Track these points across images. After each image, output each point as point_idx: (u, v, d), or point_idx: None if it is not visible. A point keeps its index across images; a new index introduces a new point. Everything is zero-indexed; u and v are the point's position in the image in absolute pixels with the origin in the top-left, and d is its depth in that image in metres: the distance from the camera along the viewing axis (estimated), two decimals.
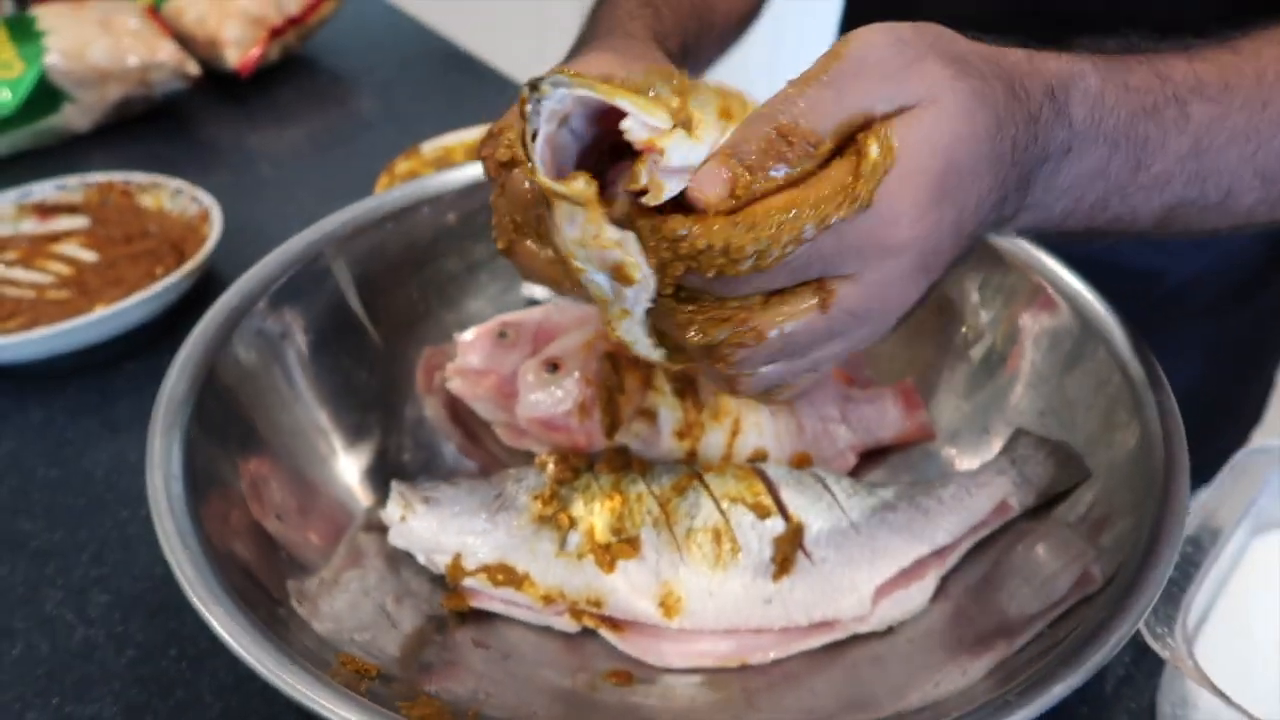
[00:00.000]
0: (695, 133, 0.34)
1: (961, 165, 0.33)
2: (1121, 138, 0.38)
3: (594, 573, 0.49)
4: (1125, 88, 0.38)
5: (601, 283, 0.36)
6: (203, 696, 0.49)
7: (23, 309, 0.73)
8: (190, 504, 0.41)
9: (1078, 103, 0.37)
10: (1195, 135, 0.39)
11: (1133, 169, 0.38)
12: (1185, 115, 0.39)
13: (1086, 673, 0.35)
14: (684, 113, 0.34)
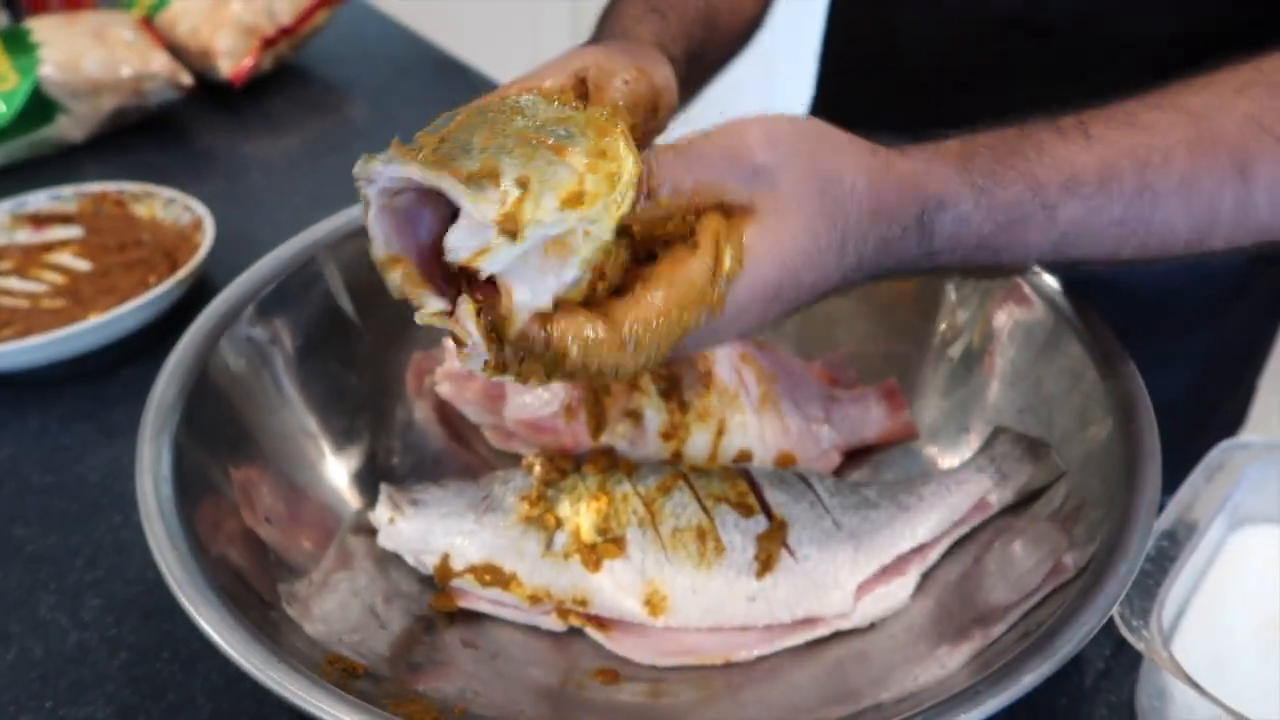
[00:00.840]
0: (522, 232, 0.33)
1: (799, 278, 0.37)
2: (982, 245, 0.41)
3: (580, 572, 0.49)
4: (992, 205, 0.41)
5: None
6: (195, 698, 0.50)
7: (17, 318, 0.74)
8: (180, 507, 0.42)
9: (941, 230, 0.40)
10: (1063, 230, 0.42)
11: (993, 258, 0.42)
12: (1052, 219, 0.42)
13: (1057, 662, 0.35)
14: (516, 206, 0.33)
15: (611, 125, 0.37)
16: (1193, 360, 0.73)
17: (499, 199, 0.33)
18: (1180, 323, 0.71)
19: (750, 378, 0.58)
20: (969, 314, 0.56)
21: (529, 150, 0.34)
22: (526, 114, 0.37)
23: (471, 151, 0.34)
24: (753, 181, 0.36)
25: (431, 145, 0.35)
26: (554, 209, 0.34)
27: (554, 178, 0.34)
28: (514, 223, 0.33)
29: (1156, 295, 0.69)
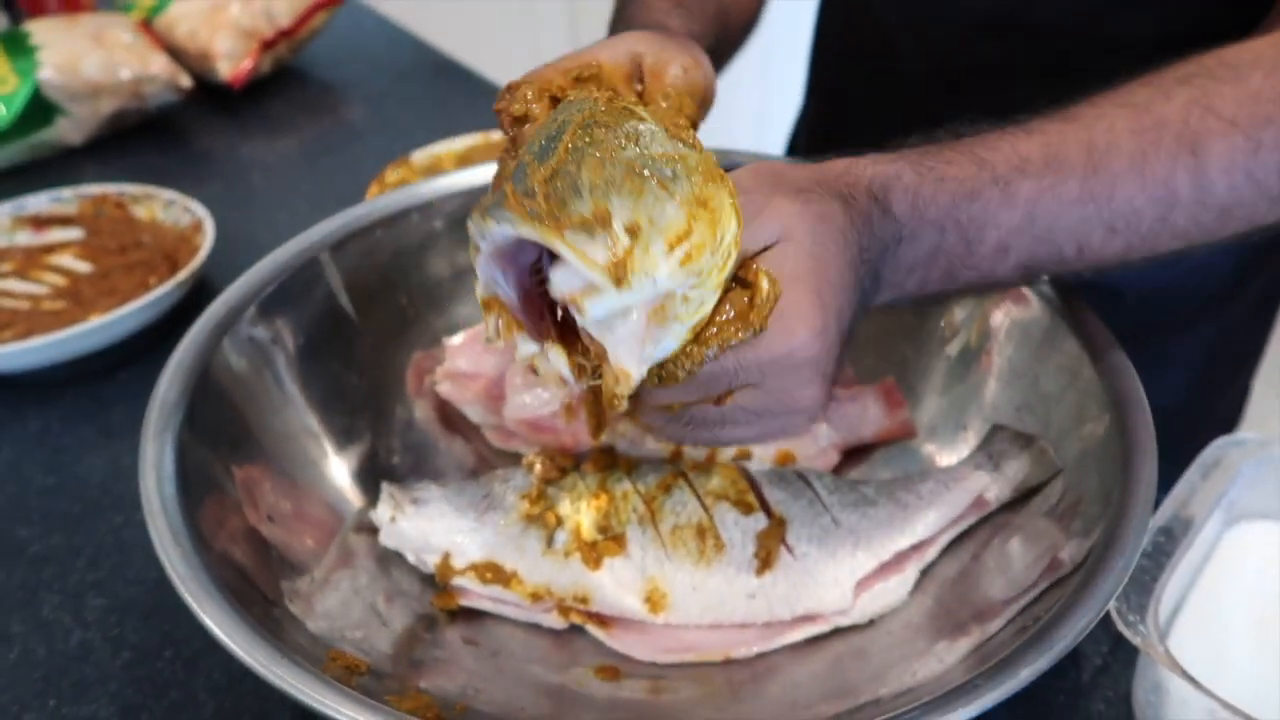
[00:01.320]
0: (629, 279, 0.33)
1: (832, 281, 0.38)
2: (947, 221, 0.42)
3: (580, 570, 0.50)
4: (942, 179, 0.42)
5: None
6: (197, 696, 0.50)
7: (18, 320, 0.74)
8: (183, 506, 0.42)
9: (898, 199, 0.42)
10: (1026, 207, 0.43)
11: (966, 244, 0.43)
12: (1010, 195, 0.43)
13: (1053, 657, 0.36)
14: (626, 255, 0.33)
15: (718, 176, 0.36)
16: (1189, 361, 0.74)
17: (608, 245, 0.33)
18: (1176, 324, 0.72)
19: None
20: (966, 312, 0.57)
21: (638, 185, 0.34)
22: (641, 142, 0.35)
23: (582, 192, 0.33)
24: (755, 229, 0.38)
25: (542, 187, 0.33)
26: (661, 256, 0.33)
27: (661, 219, 0.34)
28: (622, 270, 0.33)
29: (1152, 297, 0.69)
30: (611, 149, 0.34)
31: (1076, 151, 0.43)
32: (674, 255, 0.34)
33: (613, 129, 0.35)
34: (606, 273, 0.32)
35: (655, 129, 0.36)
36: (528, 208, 0.32)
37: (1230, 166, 0.44)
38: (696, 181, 0.35)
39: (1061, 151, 0.43)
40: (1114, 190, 0.43)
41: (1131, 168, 0.43)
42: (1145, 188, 0.44)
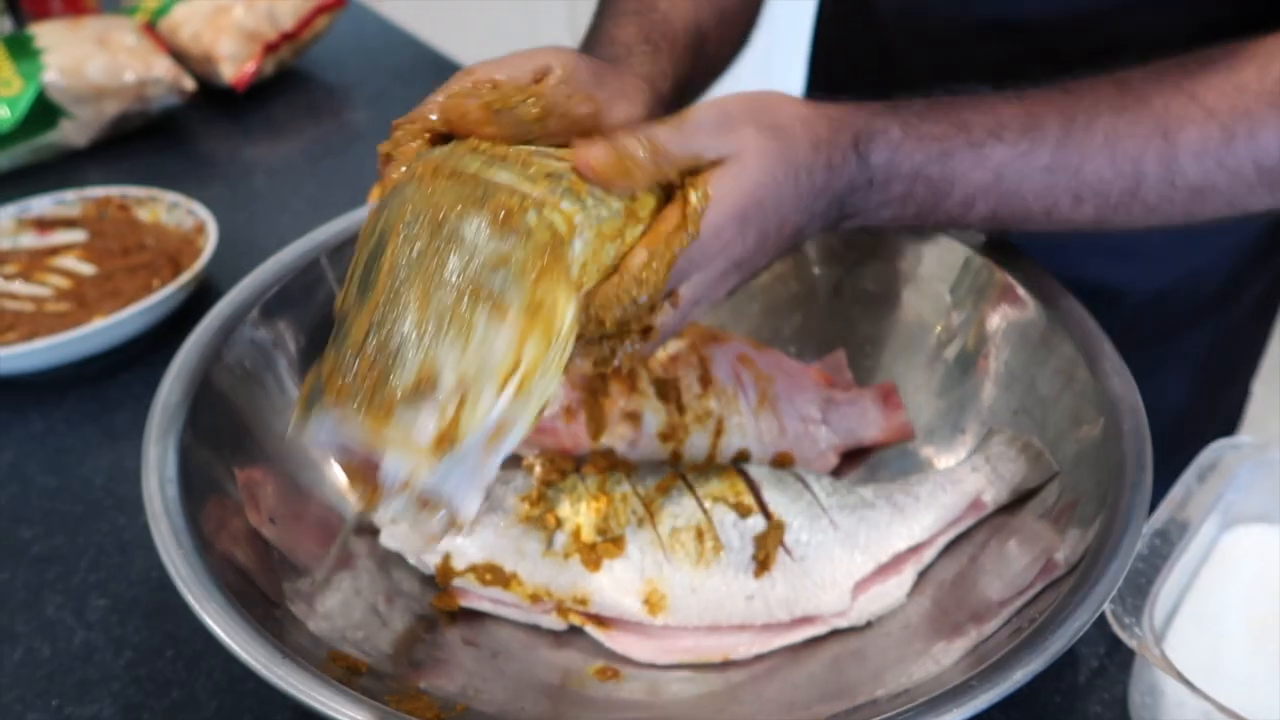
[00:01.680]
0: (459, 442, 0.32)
1: (763, 201, 0.44)
2: (919, 174, 0.47)
3: (580, 571, 0.50)
4: (922, 138, 0.47)
5: None
6: (198, 696, 0.50)
7: (22, 321, 0.74)
8: (185, 507, 0.43)
9: (878, 150, 0.46)
10: (996, 170, 0.47)
11: (935, 195, 0.48)
12: (981, 156, 0.47)
13: (1049, 658, 0.36)
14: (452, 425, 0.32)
15: (555, 260, 0.36)
16: (1188, 365, 0.74)
17: (435, 417, 0.32)
18: (1174, 329, 0.72)
19: (748, 379, 0.59)
20: (964, 316, 0.57)
21: (464, 325, 0.33)
22: (467, 248, 0.34)
23: (405, 353, 0.32)
24: (719, 143, 0.43)
25: (360, 329, 0.32)
26: (492, 400, 0.33)
27: (492, 359, 0.33)
28: (450, 438, 0.32)
29: (1150, 301, 0.69)
30: (434, 271, 0.33)
31: (1054, 121, 0.47)
32: (505, 393, 0.33)
33: (438, 233, 0.34)
34: (434, 450, 0.32)
35: (485, 221, 0.35)
36: (349, 401, 0.31)
37: (1201, 153, 0.46)
38: (529, 283, 0.35)
39: (1040, 121, 0.47)
40: (1083, 162, 0.47)
41: (1103, 145, 0.46)
42: (1114, 162, 0.47)
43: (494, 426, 0.34)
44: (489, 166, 0.39)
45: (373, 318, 0.33)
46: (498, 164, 0.39)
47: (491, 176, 0.38)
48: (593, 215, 0.40)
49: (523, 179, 0.39)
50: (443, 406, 0.32)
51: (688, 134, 0.43)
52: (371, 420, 0.31)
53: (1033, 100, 0.47)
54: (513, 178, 0.38)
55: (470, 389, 0.32)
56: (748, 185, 0.43)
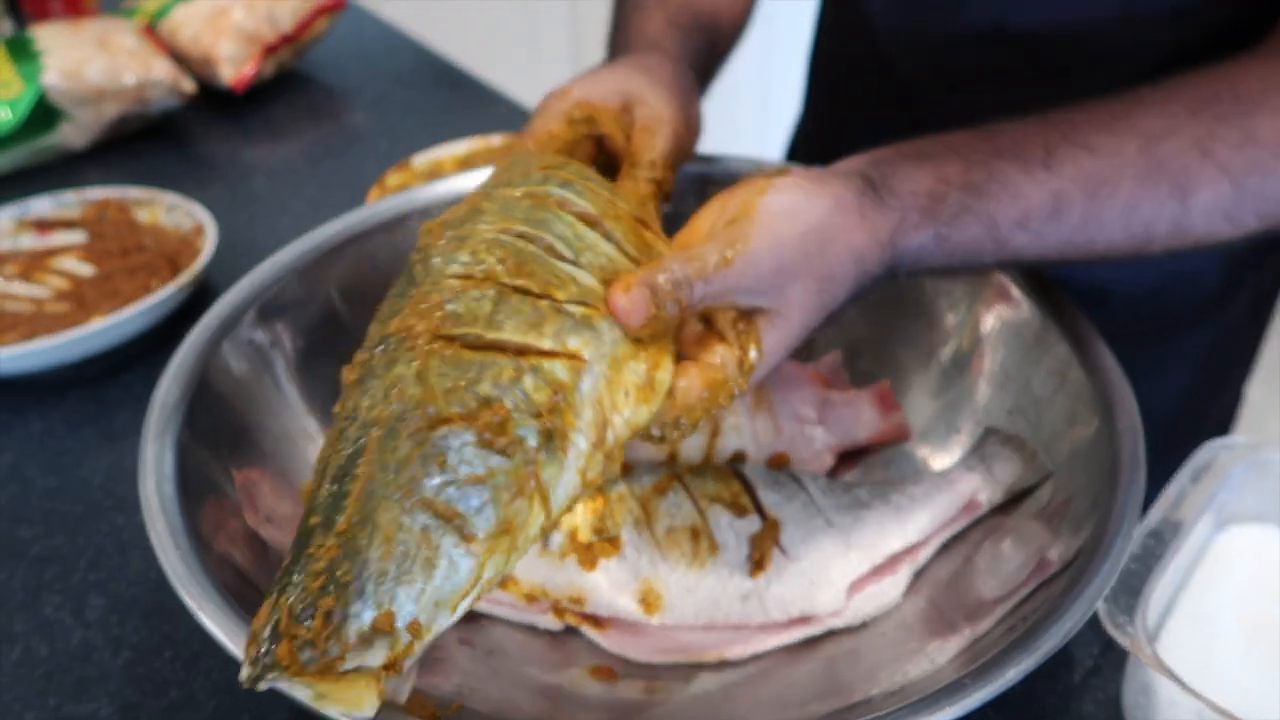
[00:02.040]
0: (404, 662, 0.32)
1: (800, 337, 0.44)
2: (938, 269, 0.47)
3: (576, 571, 0.50)
4: (953, 249, 0.46)
5: None
6: (196, 695, 0.50)
7: (22, 322, 0.75)
8: (182, 507, 0.43)
9: (906, 267, 0.46)
10: (1014, 253, 0.47)
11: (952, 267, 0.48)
12: (1002, 247, 0.47)
13: (1041, 656, 0.36)
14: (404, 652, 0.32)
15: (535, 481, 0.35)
16: (1181, 368, 0.74)
17: (387, 649, 0.31)
18: (1166, 331, 0.72)
19: None
20: (959, 317, 0.57)
21: (430, 557, 0.32)
22: (446, 463, 0.34)
23: (365, 584, 0.31)
24: (767, 297, 0.42)
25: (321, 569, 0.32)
26: (445, 621, 0.33)
27: (451, 588, 0.33)
28: (396, 668, 0.32)
29: (1142, 303, 0.70)
30: (413, 483, 0.33)
31: (1079, 200, 0.47)
32: (459, 608, 0.34)
33: (422, 444, 0.34)
34: (378, 679, 0.31)
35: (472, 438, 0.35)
36: (299, 656, 0.31)
37: (1211, 210, 0.47)
38: (507, 500, 0.34)
39: (1066, 204, 0.47)
40: (1098, 235, 0.47)
41: (1121, 214, 0.47)
42: (1128, 229, 0.47)
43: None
44: (495, 319, 0.38)
45: (334, 555, 0.32)
46: (507, 307, 0.38)
47: (498, 336, 0.37)
48: (606, 341, 0.40)
49: (529, 330, 0.38)
50: (393, 644, 0.32)
51: (734, 285, 0.41)
52: (318, 678, 0.31)
53: (1059, 176, 0.47)
54: (519, 328, 0.38)
55: (424, 625, 0.32)
56: (790, 341, 0.43)
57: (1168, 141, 0.47)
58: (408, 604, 0.32)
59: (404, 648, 0.32)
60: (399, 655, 0.32)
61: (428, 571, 0.32)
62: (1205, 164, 0.46)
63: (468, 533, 0.33)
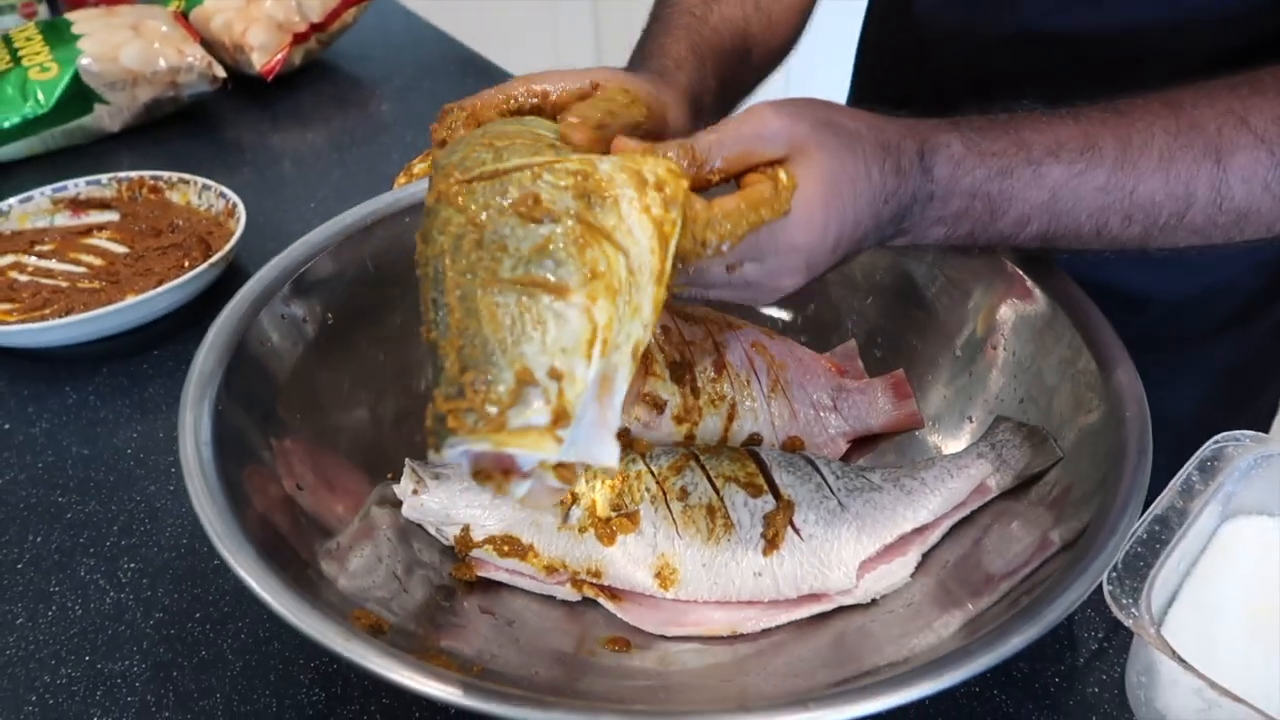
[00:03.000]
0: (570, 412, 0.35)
1: (841, 190, 0.43)
2: (978, 190, 0.47)
3: (594, 545, 0.52)
4: (984, 154, 0.47)
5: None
6: (225, 655, 0.52)
7: (57, 297, 0.77)
8: (218, 467, 0.44)
9: (941, 164, 0.46)
10: (1052, 189, 0.47)
11: (991, 212, 0.48)
12: (1039, 174, 0.47)
13: (1045, 626, 0.37)
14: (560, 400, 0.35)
15: (589, 224, 0.38)
16: (1213, 372, 0.74)
17: (544, 400, 0.35)
18: (1203, 335, 0.72)
19: (761, 365, 0.60)
20: (973, 306, 0.58)
21: (536, 315, 0.36)
22: (508, 244, 0.38)
23: (492, 354, 0.35)
24: (778, 143, 0.43)
25: (465, 380, 0.35)
26: (583, 368, 0.36)
27: (570, 337, 0.36)
28: (562, 412, 0.36)
29: (1180, 307, 0.70)
30: (493, 283, 0.37)
31: (1111, 143, 0.47)
32: (594, 356, 0.37)
33: (481, 246, 0.38)
34: (552, 431, 0.35)
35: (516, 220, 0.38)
36: (465, 420, 0.35)
37: (1250, 177, 0.47)
38: (577, 252, 0.37)
39: (1097, 141, 0.47)
40: (1137, 184, 0.47)
41: (1158, 166, 0.47)
42: (1167, 185, 0.47)
43: (597, 384, 0.37)
44: (499, 157, 0.41)
45: (459, 346, 0.36)
46: (506, 152, 0.41)
47: (505, 165, 0.40)
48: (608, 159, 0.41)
49: (533, 155, 0.41)
50: (545, 393, 0.35)
51: (729, 134, 0.43)
52: (492, 433, 0.35)
53: (1088, 120, 0.48)
54: (524, 154, 0.41)
55: (562, 369, 0.36)
56: (821, 173, 0.43)
57: (1201, 108, 0.47)
58: (537, 356, 0.36)
59: (558, 395, 0.35)
60: (559, 404, 0.35)
61: (540, 328, 0.36)
62: (1241, 130, 0.47)
63: (555, 287, 0.37)
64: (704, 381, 0.59)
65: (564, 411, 0.35)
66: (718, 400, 0.59)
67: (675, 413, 0.58)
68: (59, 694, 0.50)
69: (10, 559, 0.58)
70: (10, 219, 0.85)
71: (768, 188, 0.42)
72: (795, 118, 0.43)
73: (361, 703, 0.49)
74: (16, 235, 0.84)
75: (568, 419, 0.35)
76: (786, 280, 0.44)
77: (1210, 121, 0.47)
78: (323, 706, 0.49)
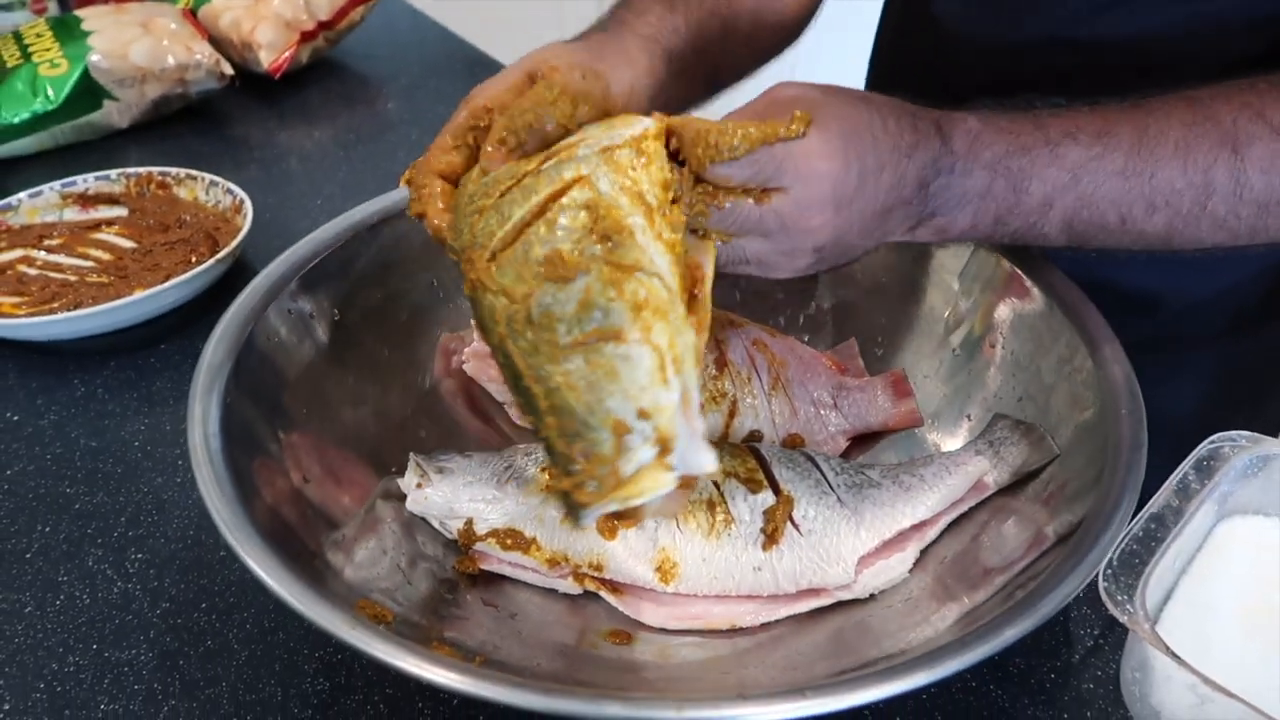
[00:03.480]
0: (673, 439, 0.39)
1: (860, 132, 0.44)
2: (998, 166, 0.47)
3: (596, 539, 0.52)
4: (1000, 130, 0.48)
5: None
6: (230, 645, 0.53)
7: (66, 291, 0.78)
8: (226, 457, 0.45)
9: (959, 137, 0.47)
10: (1072, 169, 0.48)
11: (1014, 191, 0.48)
12: (1057, 154, 0.48)
13: (1039, 618, 0.38)
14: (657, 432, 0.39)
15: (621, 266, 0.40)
16: (1210, 376, 0.74)
17: (644, 438, 0.38)
18: (1210, 336, 0.73)
19: (762, 363, 0.61)
20: (972, 306, 0.59)
21: (604, 367, 0.38)
22: (555, 313, 0.39)
23: (585, 420, 0.38)
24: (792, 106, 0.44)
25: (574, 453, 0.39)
26: (666, 396, 0.39)
27: (642, 375, 0.39)
28: (666, 444, 0.39)
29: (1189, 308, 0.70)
30: (549, 344, 0.39)
31: (1128, 130, 0.48)
32: (669, 379, 0.39)
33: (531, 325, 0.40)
34: (662, 462, 0.39)
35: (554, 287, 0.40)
36: (588, 490, 0.39)
37: (1269, 169, 0.48)
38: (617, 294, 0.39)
39: (1113, 127, 0.48)
40: (1156, 169, 0.48)
41: (1175, 154, 0.48)
42: (1185, 172, 0.48)
43: (681, 401, 0.39)
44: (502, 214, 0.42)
45: (556, 425, 0.39)
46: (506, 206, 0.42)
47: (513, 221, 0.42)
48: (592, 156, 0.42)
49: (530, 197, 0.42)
50: (643, 433, 0.39)
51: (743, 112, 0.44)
52: (614, 490, 0.39)
53: (1104, 110, 0.49)
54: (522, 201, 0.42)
55: (649, 406, 0.39)
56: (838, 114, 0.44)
57: (1218, 103, 0.48)
58: (622, 405, 0.38)
59: (654, 429, 0.38)
60: (658, 437, 0.38)
61: (613, 379, 0.39)
62: (1258, 122, 0.47)
63: (611, 334, 0.39)
64: (705, 379, 0.60)
65: (664, 441, 0.39)
66: (719, 397, 0.59)
67: None
68: (66, 681, 0.51)
69: (19, 549, 0.59)
70: (20, 213, 0.86)
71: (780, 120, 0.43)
72: (807, 86, 0.45)
73: (365, 692, 0.50)
74: (26, 229, 0.85)
75: (669, 447, 0.39)
76: (816, 217, 0.44)
77: (1226, 115, 0.48)
78: (327, 696, 0.50)
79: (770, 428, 0.60)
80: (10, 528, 0.60)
